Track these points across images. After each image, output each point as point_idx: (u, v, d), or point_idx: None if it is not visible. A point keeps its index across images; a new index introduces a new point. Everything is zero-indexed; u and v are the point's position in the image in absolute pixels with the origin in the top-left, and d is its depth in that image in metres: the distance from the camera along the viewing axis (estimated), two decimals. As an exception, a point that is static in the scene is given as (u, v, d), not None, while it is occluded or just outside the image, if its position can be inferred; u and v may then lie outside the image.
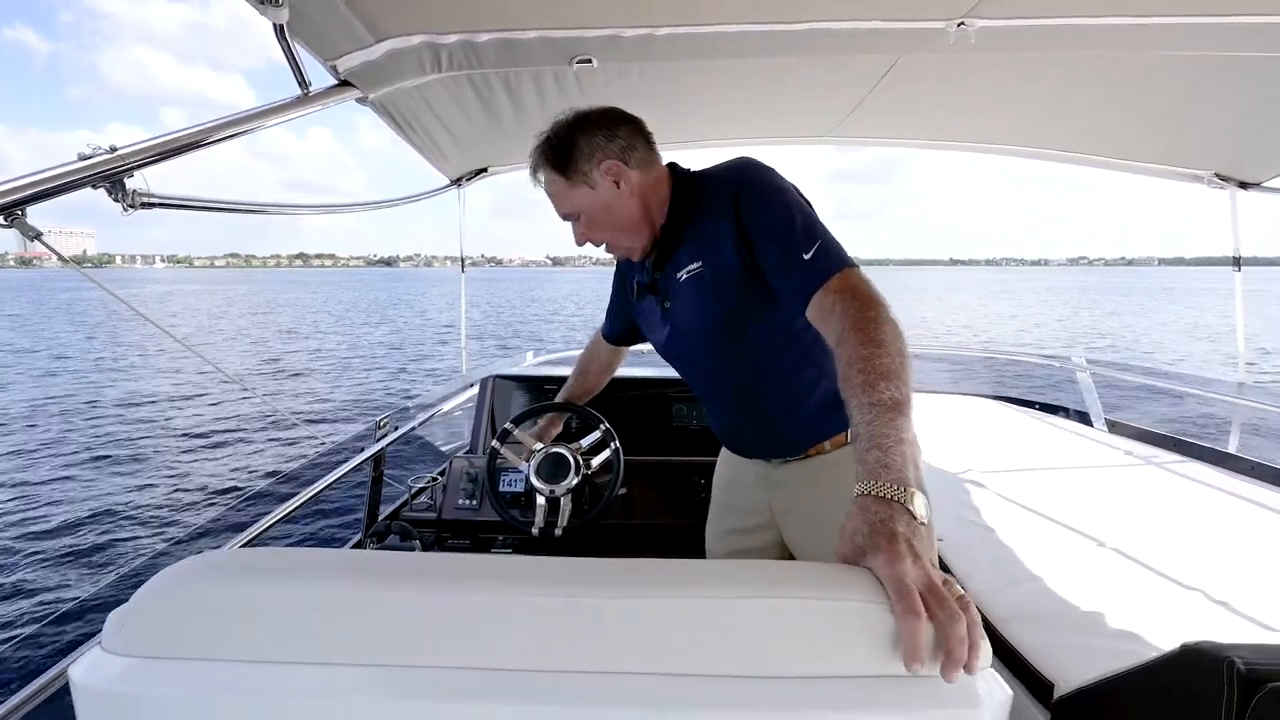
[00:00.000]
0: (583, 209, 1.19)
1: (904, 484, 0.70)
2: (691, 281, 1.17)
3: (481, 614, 0.60)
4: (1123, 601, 1.54)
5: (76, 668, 0.59)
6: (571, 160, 1.17)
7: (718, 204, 1.12)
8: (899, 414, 0.78)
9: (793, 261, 1.03)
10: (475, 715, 0.57)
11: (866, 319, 0.89)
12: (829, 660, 0.58)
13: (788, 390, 1.21)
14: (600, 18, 1.49)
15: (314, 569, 0.64)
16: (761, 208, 1.08)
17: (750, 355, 1.19)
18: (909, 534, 0.65)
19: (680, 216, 1.20)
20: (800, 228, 1.05)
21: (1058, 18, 1.55)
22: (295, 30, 1.22)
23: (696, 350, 1.26)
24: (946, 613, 0.57)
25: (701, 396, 1.37)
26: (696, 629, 0.58)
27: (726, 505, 1.45)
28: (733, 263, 1.11)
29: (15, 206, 0.88)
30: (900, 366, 0.82)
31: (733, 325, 1.17)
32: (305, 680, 0.58)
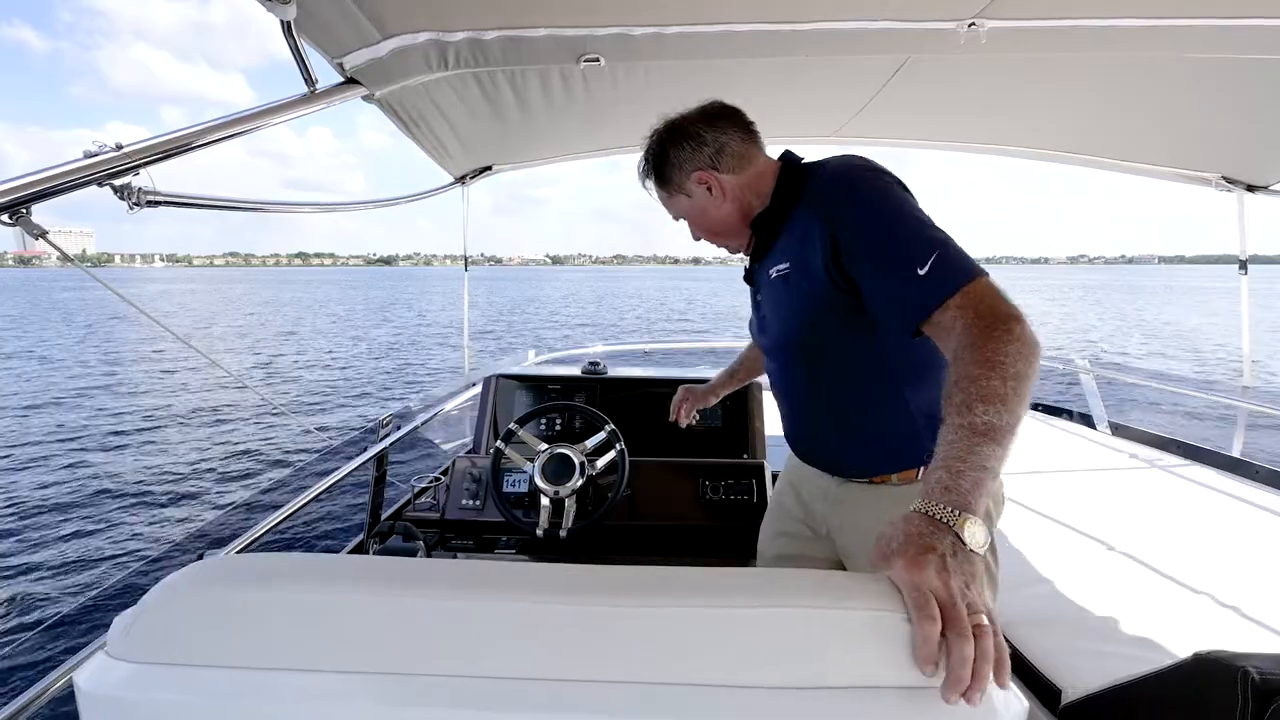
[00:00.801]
0: (684, 214, 1.24)
1: (961, 508, 0.66)
2: (780, 281, 1.13)
3: (488, 621, 0.59)
4: (1130, 607, 1.53)
5: (81, 673, 0.58)
6: (665, 173, 1.21)
7: (814, 204, 1.04)
8: (989, 440, 0.72)
9: (902, 279, 0.91)
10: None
11: (989, 337, 0.81)
12: (839, 670, 0.57)
13: (865, 413, 1.13)
14: (609, 16, 1.48)
15: (320, 575, 0.64)
16: (860, 220, 0.97)
17: (829, 371, 1.14)
18: (946, 553, 0.62)
19: (780, 211, 1.14)
20: (912, 239, 0.93)
21: (1068, 19, 1.54)
22: (302, 27, 1.21)
23: (778, 350, 1.24)
24: (955, 631, 0.56)
25: (777, 395, 1.33)
26: (704, 638, 0.57)
27: (783, 509, 1.41)
28: (818, 273, 1.02)
29: (20, 205, 0.88)
30: (1010, 391, 0.76)
31: (813, 336, 1.11)
32: (311, 687, 0.57)
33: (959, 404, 0.76)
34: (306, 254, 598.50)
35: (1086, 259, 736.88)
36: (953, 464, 0.71)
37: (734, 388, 1.74)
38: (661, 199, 1.27)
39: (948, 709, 0.56)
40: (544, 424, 2.12)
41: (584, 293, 61.96)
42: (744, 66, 1.85)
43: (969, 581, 0.61)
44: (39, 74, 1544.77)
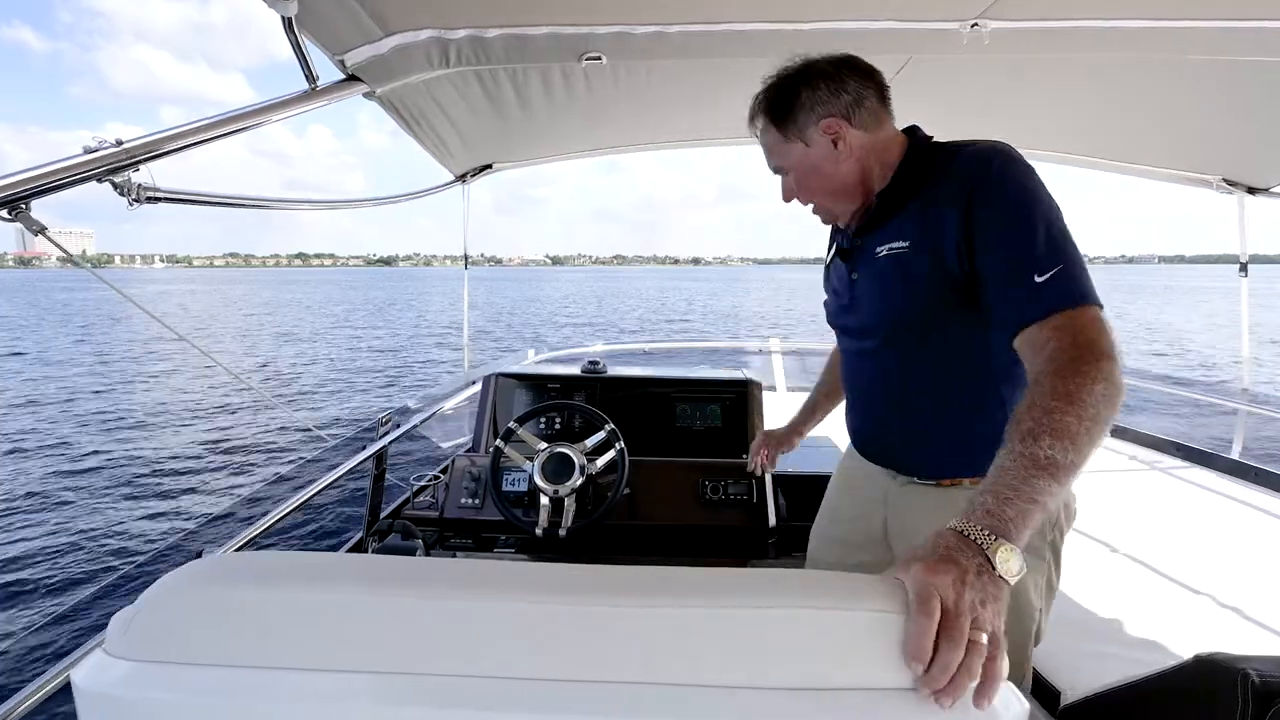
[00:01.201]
0: (794, 167, 1.10)
1: (1000, 534, 0.64)
2: (890, 260, 1.05)
3: (485, 621, 0.59)
4: (1129, 608, 1.53)
5: (78, 671, 0.58)
6: (790, 113, 1.07)
7: (951, 186, 0.97)
8: (1047, 476, 0.70)
9: (1018, 281, 0.88)
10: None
11: (1077, 370, 0.77)
12: (841, 671, 0.56)
13: (955, 409, 1.06)
14: (611, 14, 1.48)
15: (318, 573, 0.64)
16: (1001, 208, 0.92)
17: (929, 359, 1.07)
18: (970, 570, 0.61)
19: (903, 187, 1.05)
20: (1043, 242, 0.89)
21: (1071, 20, 1.54)
22: (303, 24, 1.20)
23: (867, 333, 1.15)
24: (948, 636, 0.55)
25: (849, 383, 1.26)
26: (704, 638, 0.57)
27: (836, 512, 1.35)
28: (944, 256, 0.97)
29: (19, 200, 0.87)
30: (1083, 432, 0.73)
31: (916, 322, 1.05)
32: (309, 686, 0.57)
33: (1026, 431, 0.74)
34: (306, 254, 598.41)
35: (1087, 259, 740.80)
36: (1002, 491, 0.69)
37: (817, 422, 1.62)
38: (768, 144, 1.12)
39: (948, 711, 0.55)
40: (544, 423, 2.12)
41: (584, 293, 61.99)
42: (746, 65, 1.84)
43: (985, 601, 0.60)
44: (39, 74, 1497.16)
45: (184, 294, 61.48)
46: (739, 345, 4.95)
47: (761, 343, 4.41)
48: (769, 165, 1.16)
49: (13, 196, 0.86)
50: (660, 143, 2.68)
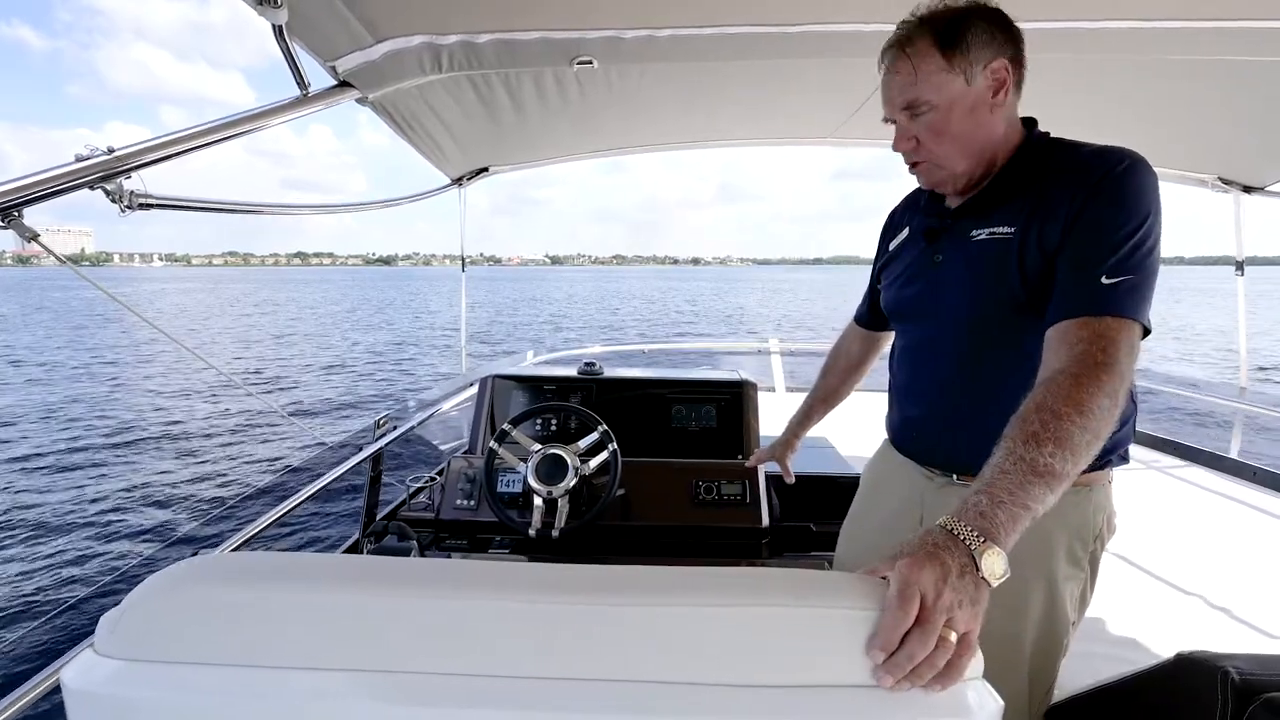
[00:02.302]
0: (941, 103, 0.97)
1: (987, 535, 0.65)
2: (991, 244, 1.00)
3: (476, 620, 0.59)
4: (1119, 608, 1.54)
5: (68, 670, 0.59)
6: (963, 40, 0.95)
7: (1071, 180, 0.94)
8: (1043, 483, 0.71)
9: (1087, 274, 0.88)
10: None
11: (1093, 378, 0.79)
12: (818, 669, 0.57)
13: (1006, 404, 0.96)
14: (601, 19, 1.49)
15: (308, 573, 0.64)
16: (1107, 205, 0.91)
17: (994, 354, 1.04)
18: (953, 569, 0.61)
19: (1018, 175, 1.01)
20: (1123, 250, 0.88)
21: (1059, 21, 1.55)
22: (294, 31, 1.21)
23: (941, 319, 1.10)
24: (922, 634, 0.56)
25: (904, 372, 1.21)
26: (687, 636, 0.58)
27: (869, 516, 1.31)
28: (1048, 246, 0.94)
29: (12, 208, 0.88)
30: (1083, 445, 0.75)
31: (1000, 312, 1.01)
32: (298, 685, 0.58)
33: (1030, 434, 0.74)
34: (305, 254, 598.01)
35: None
36: (998, 493, 0.69)
37: (810, 427, 1.58)
38: (923, 71, 0.97)
39: (929, 706, 0.56)
40: (539, 425, 2.13)
41: (584, 293, 61.96)
42: (738, 68, 1.85)
43: (964, 603, 0.60)
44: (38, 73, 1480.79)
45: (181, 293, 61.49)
46: (738, 346, 4.96)
47: (761, 343, 4.41)
48: (898, 101, 1.00)
49: (5, 204, 0.87)
50: (654, 145, 2.69)
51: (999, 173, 1.03)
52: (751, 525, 1.87)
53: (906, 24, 1.00)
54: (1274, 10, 1.48)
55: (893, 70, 1.01)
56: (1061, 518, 1.02)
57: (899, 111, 1.01)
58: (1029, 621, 1.04)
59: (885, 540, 1.22)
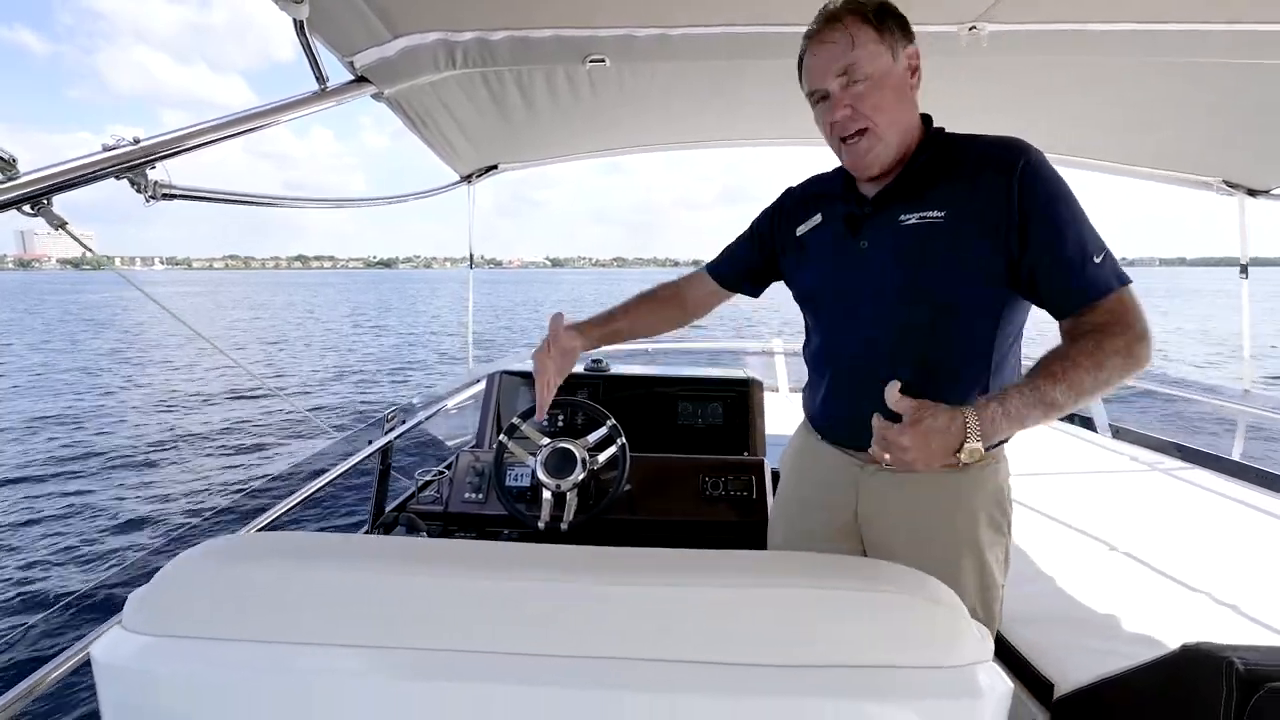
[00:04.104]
0: (875, 73, 1.02)
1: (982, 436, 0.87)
2: (923, 227, 1.05)
3: (493, 599, 0.61)
4: (1125, 604, 1.55)
5: (97, 646, 0.61)
6: (888, 20, 1.03)
7: (991, 165, 1.01)
8: (1045, 411, 0.90)
9: (1080, 261, 0.96)
10: (484, 696, 0.58)
11: (1111, 345, 0.92)
12: (833, 649, 0.59)
13: (940, 384, 1.06)
14: (614, 17, 1.50)
15: (326, 553, 0.66)
16: (1050, 195, 0.98)
17: (925, 338, 1.08)
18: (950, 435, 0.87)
19: (932, 163, 1.07)
20: (1089, 228, 0.98)
21: (1069, 23, 1.56)
22: (314, 26, 1.23)
23: (867, 300, 1.12)
24: (901, 434, 0.88)
25: (827, 360, 1.21)
26: (696, 616, 0.60)
27: (803, 503, 1.31)
28: (988, 231, 1.01)
29: (42, 195, 0.89)
30: (1089, 389, 0.91)
31: (932, 293, 1.05)
32: (317, 660, 0.59)
33: (1053, 372, 0.91)
34: (306, 257, 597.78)
35: None
36: (1012, 407, 0.89)
37: (607, 341, 1.35)
38: (859, 35, 1.02)
39: (936, 687, 0.58)
40: (547, 419, 2.14)
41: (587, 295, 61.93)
42: (749, 68, 1.86)
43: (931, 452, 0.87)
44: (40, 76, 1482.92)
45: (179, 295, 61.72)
46: (741, 345, 4.96)
47: (763, 343, 4.42)
48: (835, 67, 1.03)
49: (36, 192, 0.88)
50: (665, 144, 2.71)
51: (913, 160, 1.08)
52: (759, 519, 1.89)
53: (831, 8, 1.05)
54: (1276, 13, 1.49)
55: (826, 40, 1.03)
56: (981, 491, 1.11)
57: (833, 79, 1.04)
58: (967, 591, 1.10)
59: (824, 528, 1.24)
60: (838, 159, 1.15)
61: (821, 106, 1.08)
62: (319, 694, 0.60)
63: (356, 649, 0.60)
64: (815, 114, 1.11)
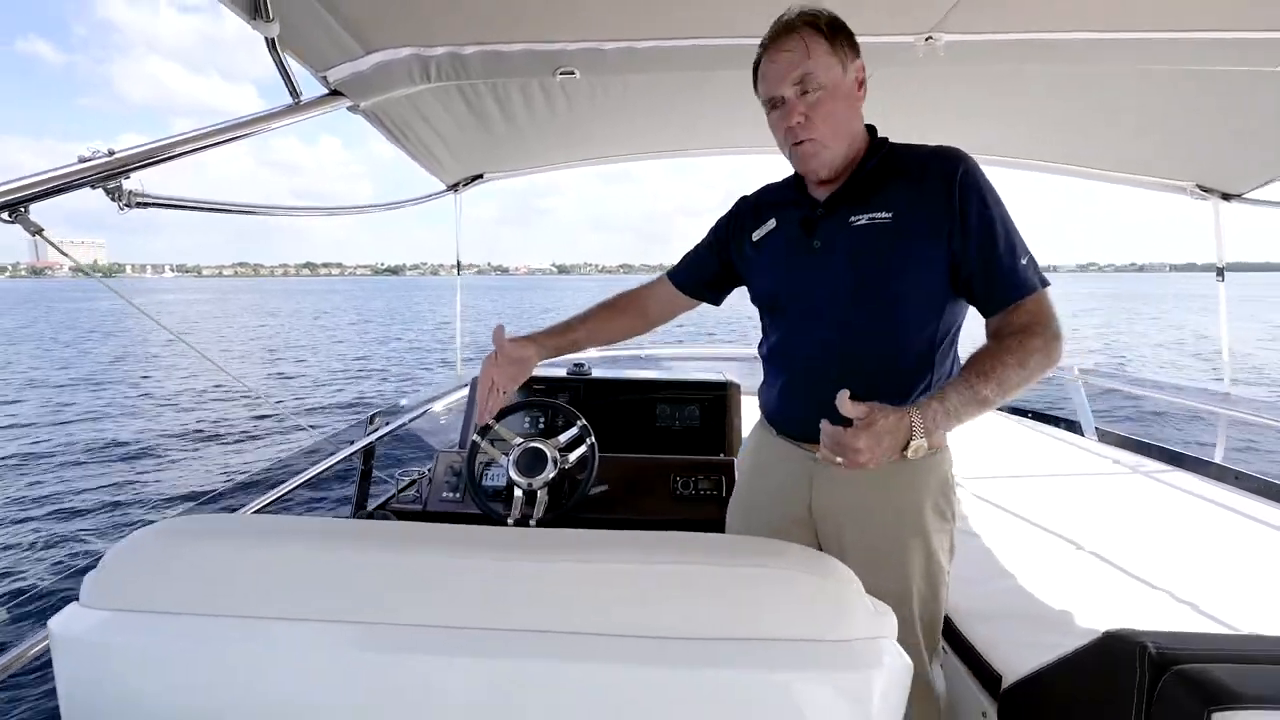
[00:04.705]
0: (828, 84, 1.08)
1: (925, 431, 0.95)
2: (871, 228, 1.12)
3: (430, 575, 0.65)
4: (1082, 601, 1.57)
5: (54, 620, 0.64)
6: (839, 34, 1.10)
7: (932, 172, 1.10)
8: (978, 408, 0.99)
9: (1010, 261, 1.06)
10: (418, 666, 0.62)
11: (1034, 337, 1.03)
12: (731, 622, 0.62)
13: (893, 376, 1.15)
14: (581, 31, 1.55)
15: (276, 532, 0.70)
16: (985, 199, 1.08)
17: (882, 323, 1.14)
18: (897, 434, 0.94)
19: (879, 169, 1.15)
20: (1016, 232, 1.08)
21: (1025, 33, 1.58)
22: (286, 43, 1.28)
23: (822, 297, 1.18)
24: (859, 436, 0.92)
25: (785, 358, 1.27)
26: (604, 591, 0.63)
27: (759, 496, 1.35)
28: (935, 231, 1.09)
29: (19, 204, 0.95)
30: (1015, 386, 1.00)
31: (878, 285, 1.12)
32: (268, 633, 0.63)
33: (984, 371, 1.00)
34: (314, 264, 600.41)
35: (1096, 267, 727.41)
36: (951, 405, 0.97)
37: (565, 350, 1.35)
38: (811, 47, 1.08)
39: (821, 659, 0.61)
40: (526, 421, 2.19)
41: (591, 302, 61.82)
42: (717, 78, 1.91)
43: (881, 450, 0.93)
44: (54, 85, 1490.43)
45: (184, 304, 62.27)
46: (734, 352, 4.98)
47: (753, 348, 4.44)
48: (790, 77, 1.09)
49: (11, 201, 0.94)
50: (641, 153, 2.76)
51: (860, 166, 1.15)
52: (724, 517, 1.93)
53: (786, 18, 1.11)
54: (1244, 22, 1.51)
55: (783, 48, 1.10)
56: (927, 481, 1.17)
57: (790, 86, 1.10)
58: (914, 579, 1.17)
59: (779, 520, 1.29)
60: (789, 163, 1.22)
61: (777, 113, 1.14)
62: (268, 665, 0.63)
63: (305, 623, 0.63)
64: (770, 120, 1.17)
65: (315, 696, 0.63)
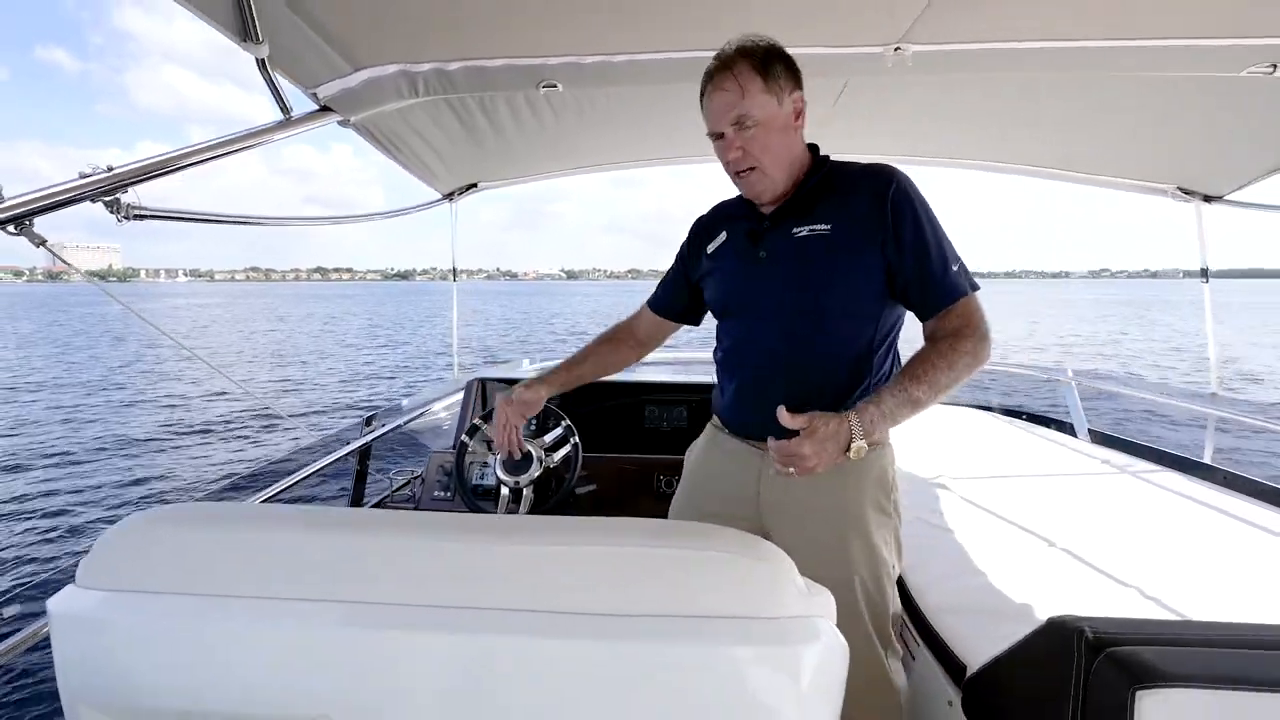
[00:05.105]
0: (761, 120, 1.17)
1: (865, 433, 1.05)
2: (812, 239, 1.21)
3: (403, 557, 0.70)
4: (1049, 594, 1.60)
5: (52, 601, 0.70)
6: (774, 70, 1.17)
7: (867, 188, 1.20)
8: (912, 409, 1.09)
9: (941, 269, 1.16)
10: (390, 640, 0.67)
11: (964, 343, 1.13)
12: (671, 600, 0.67)
13: (835, 377, 1.23)
14: (560, 46, 1.61)
15: (264, 518, 0.76)
16: (916, 210, 1.18)
17: (823, 328, 1.22)
18: (839, 437, 1.04)
19: (820, 185, 1.24)
20: (945, 241, 1.19)
21: (992, 42, 1.62)
22: (276, 63, 1.35)
23: (768, 303, 1.26)
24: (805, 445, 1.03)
25: (737, 363, 1.34)
26: (560, 572, 0.68)
27: (709, 493, 1.41)
28: (871, 242, 1.18)
29: (24, 218, 1.02)
30: (946, 386, 1.10)
31: (824, 294, 1.21)
32: (246, 611, 0.68)
33: (917, 374, 1.10)
34: (325, 269, 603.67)
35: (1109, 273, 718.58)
36: (886, 408, 1.07)
37: (572, 385, 1.49)
38: (745, 87, 1.16)
39: (770, 635, 0.66)
40: None
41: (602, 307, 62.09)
42: (689, 90, 1.96)
43: (825, 454, 1.03)
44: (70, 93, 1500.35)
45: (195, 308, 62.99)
46: None
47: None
48: (729, 116, 1.18)
49: (18, 215, 1.01)
50: (630, 161, 2.83)
51: (803, 184, 1.25)
52: None
53: (726, 54, 1.20)
54: (1203, 29, 1.54)
55: (721, 89, 1.19)
56: (866, 478, 1.24)
57: (729, 125, 1.19)
58: (854, 568, 1.24)
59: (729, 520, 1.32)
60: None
61: (719, 144, 1.24)
62: (252, 642, 0.68)
63: (287, 601, 0.68)
64: (715, 149, 1.26)
65: (297, 669, 0.67)
